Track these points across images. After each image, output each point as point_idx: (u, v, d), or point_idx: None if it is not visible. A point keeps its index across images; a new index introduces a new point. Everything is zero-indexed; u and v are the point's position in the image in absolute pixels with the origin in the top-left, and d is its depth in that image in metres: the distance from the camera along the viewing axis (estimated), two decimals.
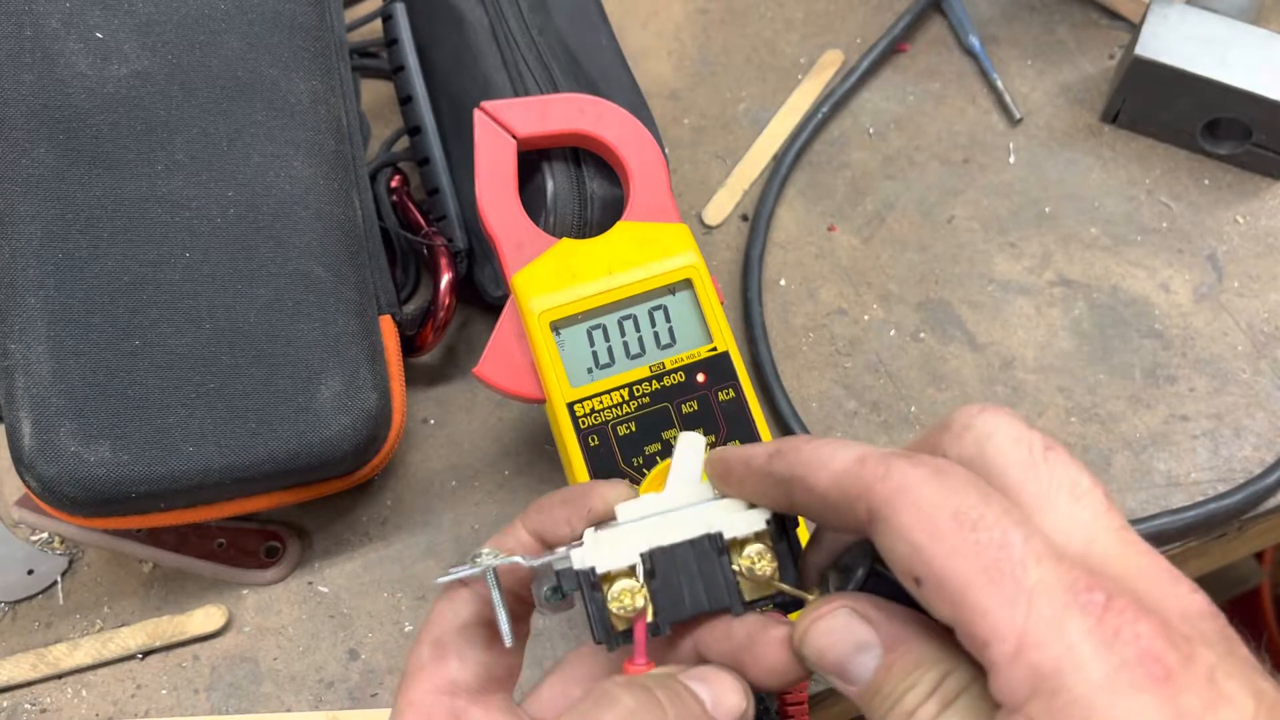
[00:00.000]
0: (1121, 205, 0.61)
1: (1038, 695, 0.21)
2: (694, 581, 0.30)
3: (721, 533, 0.30)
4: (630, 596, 0.29)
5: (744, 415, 0.46)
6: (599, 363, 0.47)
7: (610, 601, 0.29)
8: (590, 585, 0.30)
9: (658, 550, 0.30)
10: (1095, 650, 0.21)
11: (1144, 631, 0.22)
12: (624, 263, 0.48)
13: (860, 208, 0.62)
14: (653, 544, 0.30)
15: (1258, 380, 0.56)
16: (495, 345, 0.48)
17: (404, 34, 0.57)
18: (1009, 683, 0.22)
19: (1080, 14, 0.68)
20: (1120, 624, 0.22)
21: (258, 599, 0.53)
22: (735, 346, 0.47)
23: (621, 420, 0.46)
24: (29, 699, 0.51)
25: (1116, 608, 0.22)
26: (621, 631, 0.30)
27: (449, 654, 0.31)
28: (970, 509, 0.23)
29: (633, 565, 0.30)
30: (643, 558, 0.30)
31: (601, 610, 0.30)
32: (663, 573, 0.30)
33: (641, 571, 0.30)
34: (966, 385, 0.57)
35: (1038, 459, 0.26)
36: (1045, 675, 0.21)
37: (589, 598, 0.30)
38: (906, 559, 0.24)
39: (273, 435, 0.47)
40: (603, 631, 0.30)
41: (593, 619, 0.30)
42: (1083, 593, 0.22)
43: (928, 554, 0.23)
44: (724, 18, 0.69)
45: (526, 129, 0.50)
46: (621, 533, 0.30)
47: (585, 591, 0.30)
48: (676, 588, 0.30)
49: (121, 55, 0.49)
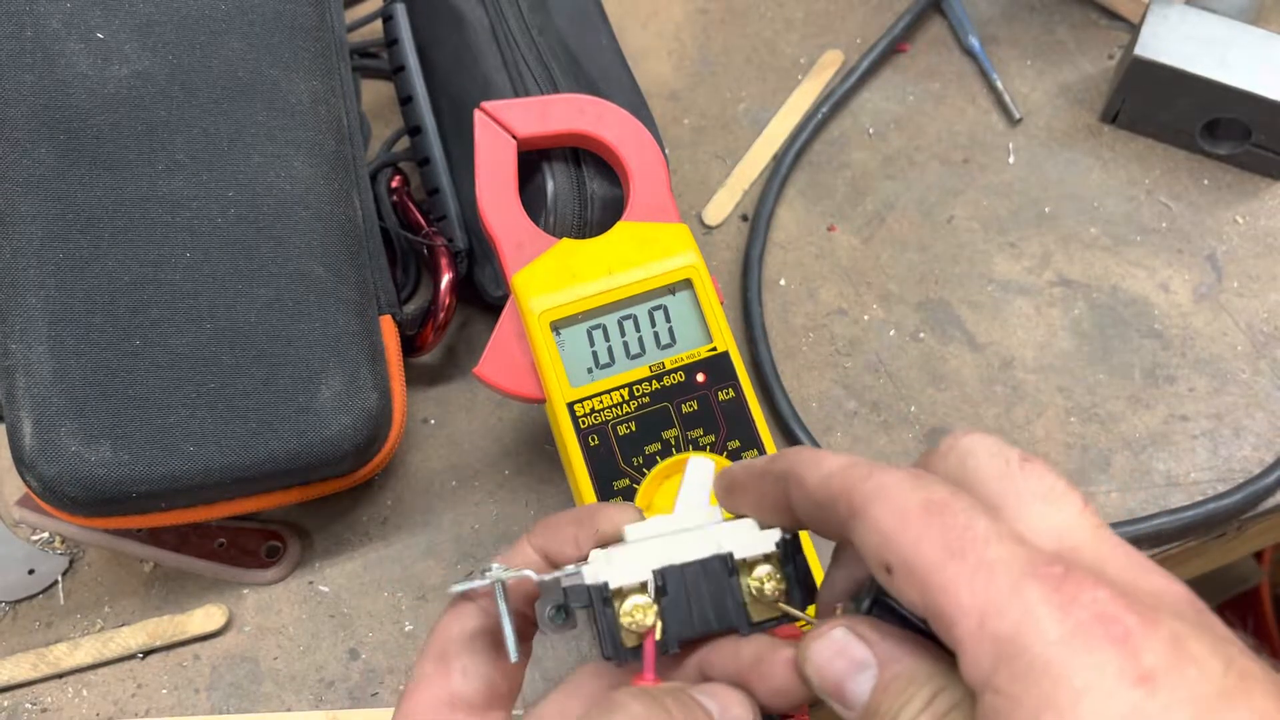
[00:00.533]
0: (1121, 205, 0.61)
1: (1000, 663, 0.22)
2: (703, 601, 0.30)
3: (732, 553, 0.30)
4: (642, 613, 0.30)
5: (744, 415, 0.46)
6: (599, 363, 0.47)
7: (621, 616, 0.30)
8: (602, 600, 0.30)
9: (669, 568, 0.30)
10: (1052, 613, 0.22)
11: (1101, 596, 0.22)
12: (624, 263, 0.48)
13: (860, 208, 0.62)
14: (664, 562, 0.30)
15: (1257, 380, 0.56)
16: (495, 345, 0.48)
17: (404, 34, 0.57)
18: (975, 658, 0.22)
19: (1080, 14, 0.68)
20: (1078, 590, 0.22)
21: (258, 599, 0.53)
22: (735, 346, 0.47)
23: (621, 420, 0.46)
24: (30, 698, 0.51)
25: (1075, 578, 0.22)
26: (630, 648, 0.30)
27: (453, 666, 0.31)
28: (938, 499, 0.24)
29: (644, 582, 0.30)
30: (655, 574, 0.30)
31: (612, 625, 0.30)
32: (673, 591, 0.30)
33: (653, 588, 0.30)
34: (966, 385, 0.57)
35: (1014, 470, 0.26)
36: (1005, 640, 0.22)
37: (600, 613, 0.30)
38: (877, 548, 0.25)
39: (273, 435, 0.47)
40: (612, 647, 0.30)
41: (603, 634, 0.30)
42: (1041, 566, 0.23)
43: (896, 540, 0.24)
44: (724, 18, 0.69)
45: (526, 129, 0.50)
46: (633, 550, 0.31)
47: (596, 606, 0.30)
48: (686, 606, 0.30)
49: (122, 56, 0.49)
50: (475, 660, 0.31)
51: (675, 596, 0.30)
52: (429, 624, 0.52)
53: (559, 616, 0.31)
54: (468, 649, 0.31)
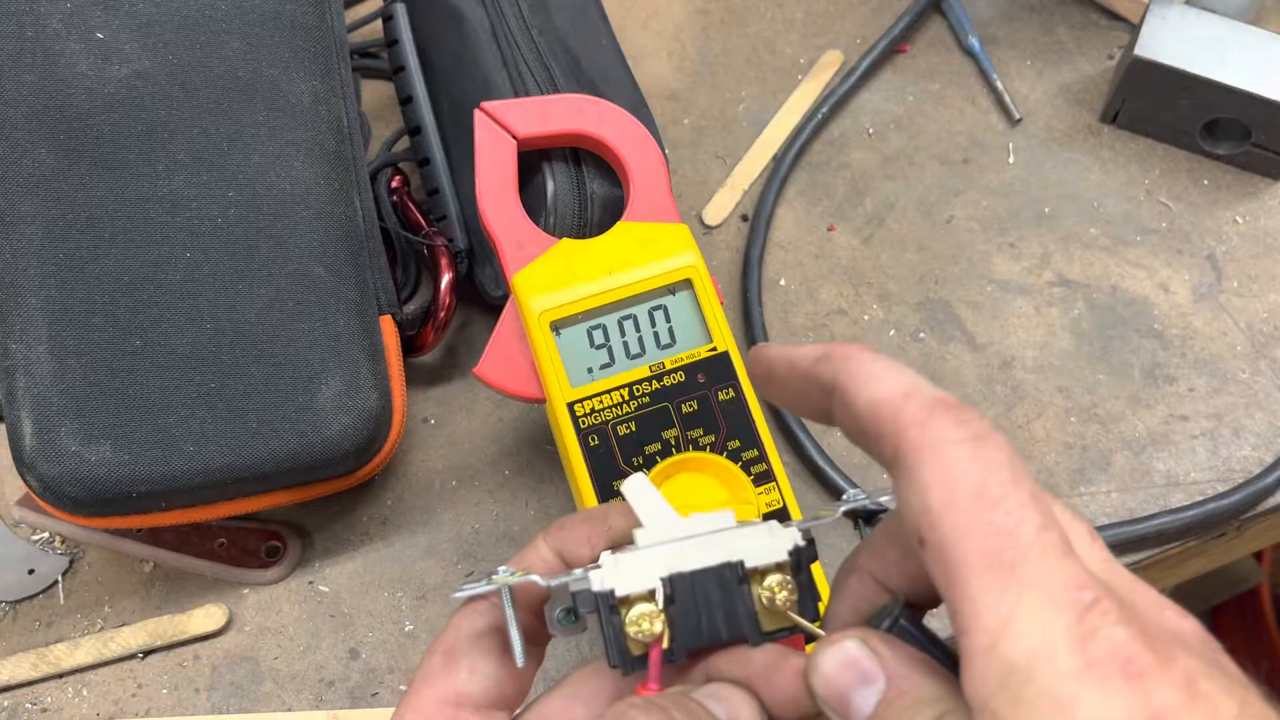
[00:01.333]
0: (1121, 205, 0.61)
1: (1004, 688, 0.21)
2: (713, 609, 0.30)
3: (744, 561, 0.30)
4: (649, 621, 0.29)
5: (744, 415, 0.46)
6: (599, 363, 0.47)
7: (628, 624, 0.29)
8: (609, 608, 0.29)
9: (678, 576, 0.29)
10: (1070, 645, 0.21)
11: (1120, 635, 0.21)
12: (624, 263, 0.48)
13: (860, 208, 0.62)
14: (673, 569, 0.29)
15: (1257, 380, 0.56)
16: (495, 345, 0.48)
17: (404, 34, 0.57)
18: (982, 677, 0.22)
19: (1080, 14, 0.68)
20: (1099, 625, 0.21)
21: (258, 598, 0.53)
22: (735, 346, 0.47)
23: (621, 420, 0.46)
24: (30, 698, 0.51)
25: (1100, 609, 0.21)
26: (636, 656, 0.29)
27: (460, 664, 0.31)
28: (995, 487, 0.23)
29: (652, 590, 0.29)
30: (663, 582, 0.29)
31: (619, 634, 0.29)
32: (682, 599, 0.29)
33: (661, 597, 0.29)
34: (966, 385, 0.57)
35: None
36: (1016, 666, 0.21)
37: (606, 620, 0.29)
38: (917, 516, 0.23)
39: (273, 435, 0.47)
40: (618, 655, 0.29)
41: (609, 642, 0.29)
42: (1073, 590, 0.22)
43: (938, 523, 0.23)
44: (724, 18, 0.69)
45: (527, 129, 0.50)
46: (642, 556, 0.30)
47: (603, 614, 0.29)
48: (695, 615, 0.29)
49: (122, 56, 0.49)
50: (484, 660, 0.31)
51: (684, 605, 0.29)
52: (429, 624, 0.52)
53: (568, 619, 0.30)
54: (477, 647, 0.31)
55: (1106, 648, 0.21)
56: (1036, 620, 0.21)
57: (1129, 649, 0.21)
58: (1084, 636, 0.21)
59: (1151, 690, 0.21)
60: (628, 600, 0.29)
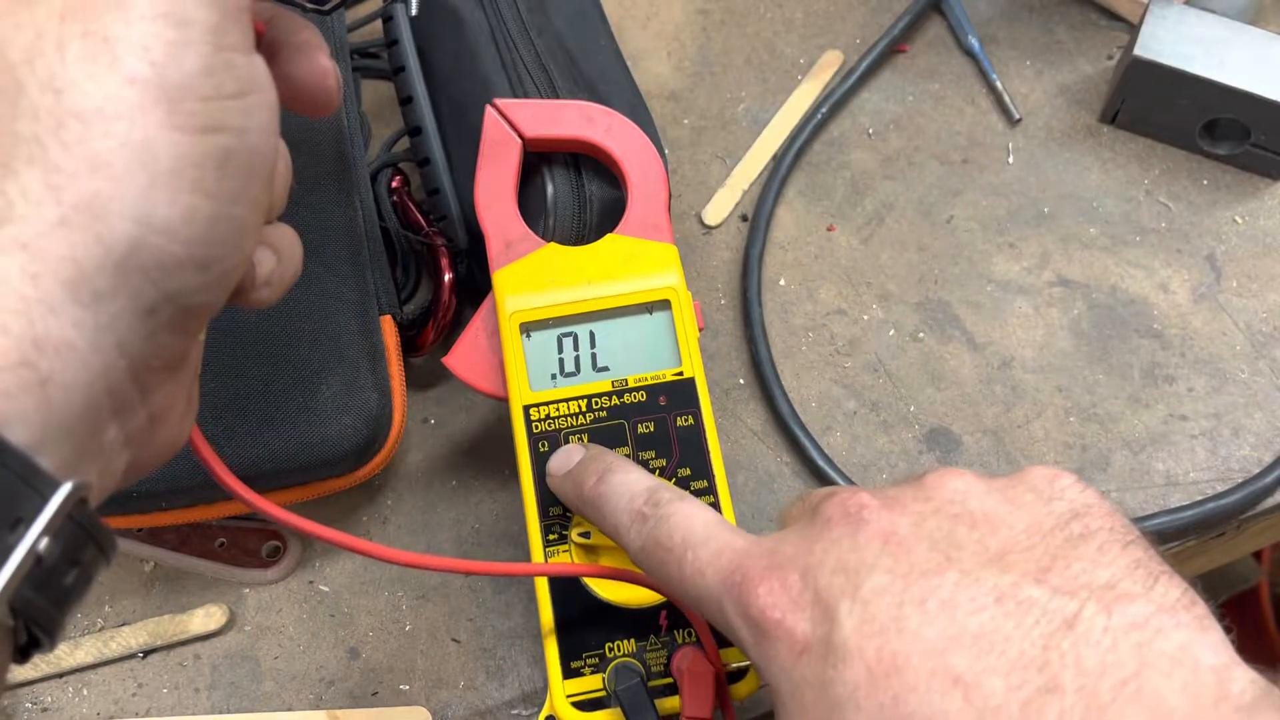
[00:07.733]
0: (1120, 205, 0.61)
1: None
2: None
3: None
4: None
5: (700, 444, 0.45)
6: (564, 370, 0.46)
7: None
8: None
9: None
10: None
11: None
12: (606, 275, 0.48)
13: (860, 208, 0.62)
14: None
15: (1256, 380, 0.56)
16: (467, 338, 0.48)
17: (404, 35, 0.57)
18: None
19: (1079, 14, 0.68)
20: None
21: (259, 598, 0.53)
22: (703, 374, 0.46)
23: (575, 431, 0.45)
24: (30, 698, 0.51)
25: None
26: None
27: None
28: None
29: None
30: None
31: None
32: None
33: None
34: (965, 385, 0.57)
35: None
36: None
37: None
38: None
39: (273, 435, 0.47)
40: None
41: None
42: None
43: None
44: (724, 18, 0.69)
45: (535, 131, 0.50)
46: None
47: None
48: None
49: None
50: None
51: None
52: (429, 624, 0.52)
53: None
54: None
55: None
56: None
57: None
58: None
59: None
60: None
